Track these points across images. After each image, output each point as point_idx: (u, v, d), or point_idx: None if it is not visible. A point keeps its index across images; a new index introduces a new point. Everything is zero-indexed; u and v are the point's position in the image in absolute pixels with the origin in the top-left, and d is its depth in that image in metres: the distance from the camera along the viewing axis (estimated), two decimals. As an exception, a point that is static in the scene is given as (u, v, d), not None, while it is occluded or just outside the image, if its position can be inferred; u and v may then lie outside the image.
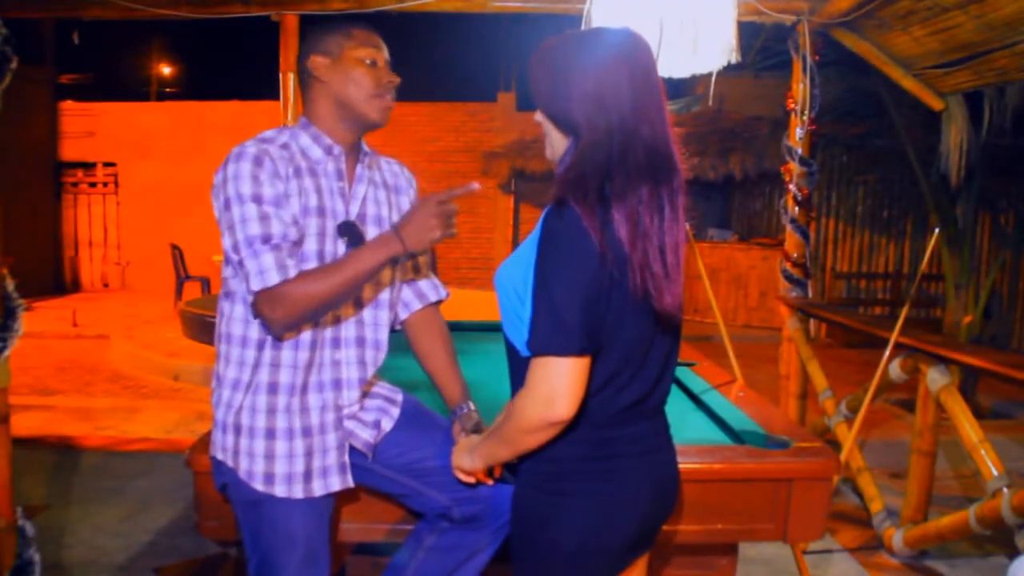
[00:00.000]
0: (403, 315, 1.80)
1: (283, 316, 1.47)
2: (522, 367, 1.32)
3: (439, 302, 1.83)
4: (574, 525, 1.30)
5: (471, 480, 1.52)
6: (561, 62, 1.30)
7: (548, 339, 1.21)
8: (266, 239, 1.46)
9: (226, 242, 1.49)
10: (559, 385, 1.21)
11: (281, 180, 1.51)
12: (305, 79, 1.62)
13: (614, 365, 1.28)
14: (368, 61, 1.58)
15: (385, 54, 1.62)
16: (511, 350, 1.39)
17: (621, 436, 1.32)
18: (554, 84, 1.31)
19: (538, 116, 1.38)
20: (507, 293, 1.35)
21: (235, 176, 1.48)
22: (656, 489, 1.36)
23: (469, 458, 1.47)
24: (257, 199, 1.47)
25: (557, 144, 1.36)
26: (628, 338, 1.27)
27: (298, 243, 1.51)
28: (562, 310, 1.20)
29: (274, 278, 1.45)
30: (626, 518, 1.32)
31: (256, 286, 1.45)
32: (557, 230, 1.23)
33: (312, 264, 1.53)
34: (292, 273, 1.47)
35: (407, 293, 1.79)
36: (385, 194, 1.71)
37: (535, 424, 1.25)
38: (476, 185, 1.50)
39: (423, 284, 1.80)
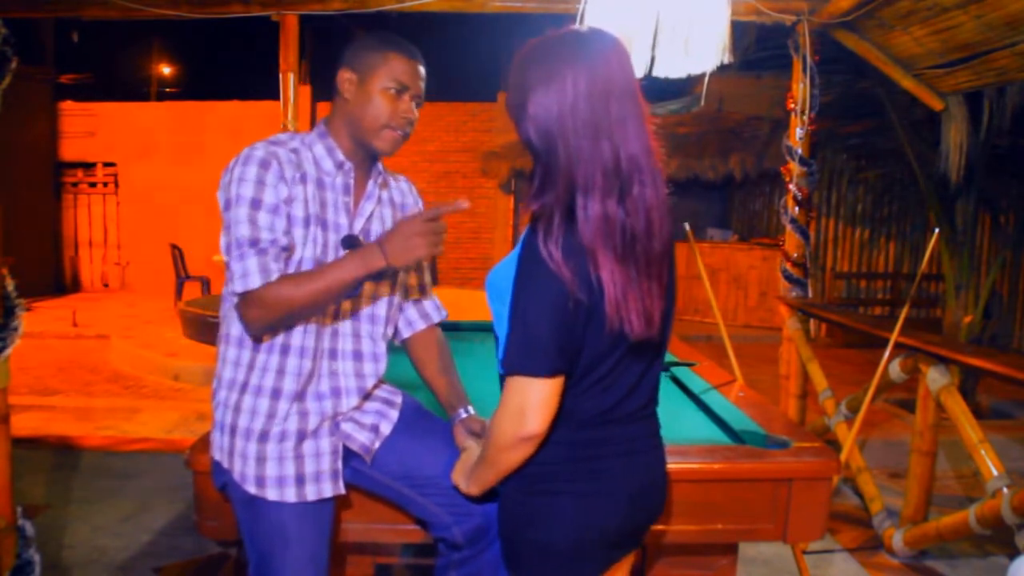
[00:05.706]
0: (406, 333, 1.83)
1: (258, 317, 1.47)
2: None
3: (441, 322, 1.87)
4: (558, 524, 1.32)
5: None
6: (519, 79, 1.28)
7: (522, 360, 1.22)
8: (254, 243, 1.47)
9: (222, 241, 1.51)
10: (530, 402, 1.23)
11: (286, 184, 1.51)
12: (335, 88, 1.61)
13: (591, 379, 1.29)
14: (393, 89, 1.55)
15: (418, 86, 1.59)
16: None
17: (599, 439, 1.33)
18: (513, 103, 1.29)
19: None
20: (496, 298, 1.36)
21: (240, 179, 1.49)
22: (636, 489, 1.36)
23: (465, 483, 1.48)
24: (256, 204, 1.48)
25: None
26: (603, 356, 1.28)
27: (288, 249, 1.51)
28: (536, 333, 1.21)
29: (256, 282, 1.46)
30: (606, 516, 1.34)
31: (238, 288, 1.47)
32: (528, 262, 1.23)
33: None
34: (275, 278, 1.47)
35: (412, 313, 1.82)
36: (391, 212, 1.73)
37: (509, 440, 1.27)
38: (465, 203, 1.40)
39: (427, 305, 1.85)
